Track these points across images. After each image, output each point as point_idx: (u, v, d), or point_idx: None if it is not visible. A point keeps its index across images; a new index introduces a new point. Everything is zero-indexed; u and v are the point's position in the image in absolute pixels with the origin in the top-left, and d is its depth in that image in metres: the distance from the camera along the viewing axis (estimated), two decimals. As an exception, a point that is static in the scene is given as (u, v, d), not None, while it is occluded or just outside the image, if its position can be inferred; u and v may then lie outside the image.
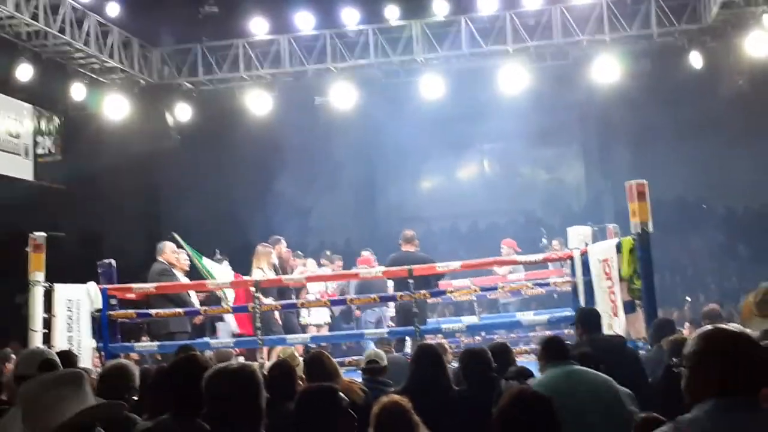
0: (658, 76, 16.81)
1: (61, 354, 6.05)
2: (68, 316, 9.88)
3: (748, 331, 3.27)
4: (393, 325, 11.80)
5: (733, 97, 16.51)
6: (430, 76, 16.31)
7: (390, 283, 11.68)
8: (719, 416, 2.76)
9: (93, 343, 10.10)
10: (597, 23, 15.66)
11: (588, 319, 7.10)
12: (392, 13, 16.72)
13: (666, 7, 15.47)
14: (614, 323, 8.85)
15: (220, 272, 11.65)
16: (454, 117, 18.90)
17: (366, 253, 13.54)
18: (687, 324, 10.68)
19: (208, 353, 7.98)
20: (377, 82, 17.03)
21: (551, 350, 5.47)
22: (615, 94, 16.69)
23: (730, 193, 19.64)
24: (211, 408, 3.32)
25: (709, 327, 3.01)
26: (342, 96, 16.55)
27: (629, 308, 8.78)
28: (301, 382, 6.35)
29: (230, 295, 11.40)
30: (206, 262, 11.70)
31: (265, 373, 6.36)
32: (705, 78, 16.15)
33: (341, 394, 4.14)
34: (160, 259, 10.94)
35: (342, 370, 7.19)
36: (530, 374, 6.20)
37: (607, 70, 15.73)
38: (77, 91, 15.63)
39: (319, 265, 13.58)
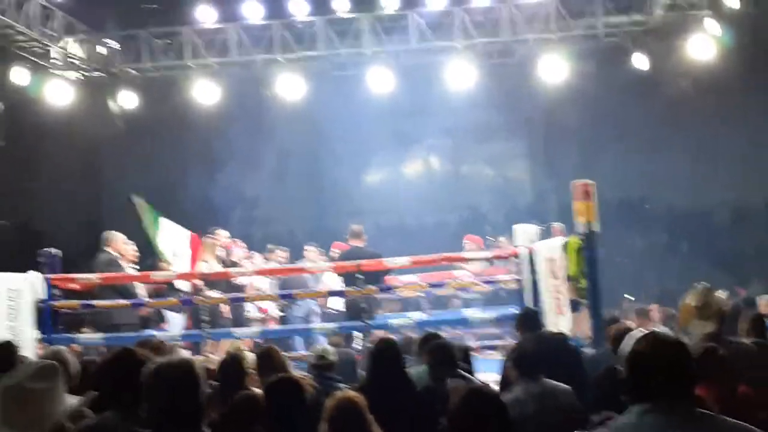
0: (603, 77, 17.06)
1: (1, 344, 5.94)
2: (9, 306, 9.69)
3: (683, 338, 3.40)
4: (317, 320, 11.94)
5: (676, 98, 16.84)
6: (378, 69, 16.31)
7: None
8: (643, 421, 2.85)
9: (35, 334, 9.92)
10: (544, 22, 15.82)
11: (527, 321, 7.22)
12: (342, 5, 16.69)
13: (612, 8, 15.71)
14: (560, 322, 8.97)
15: (177, 237, 11.62)
16: (402, 111, 18.94)
17: (312, 248, 13.54)
18: (634, 316, 10.89)
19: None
20: (325, 74, 16.98)
21: (524, 365, 5.59)
22: (561, 93, 16.88)
23: (672, 193, 20.00)
24: (151, 403, 3.30)
25: (647, 331, 3.12)
26: (289, 87, 16.46)
27: (574, 307, 8.90)
28: (249, 376, 6.36)
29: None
30: (167, 225, 11.68)
31: (212, 367, 6.34)
32: (649, 79, 16.44)
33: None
34: (107, 249, 10.77)
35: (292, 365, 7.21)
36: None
37: (554, 69, 15.91)
38: (19, 76, 15.28)
39: (265, 259, 13.54)
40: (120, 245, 10.83)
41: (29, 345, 9.66)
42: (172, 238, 12.02)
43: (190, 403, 3.25)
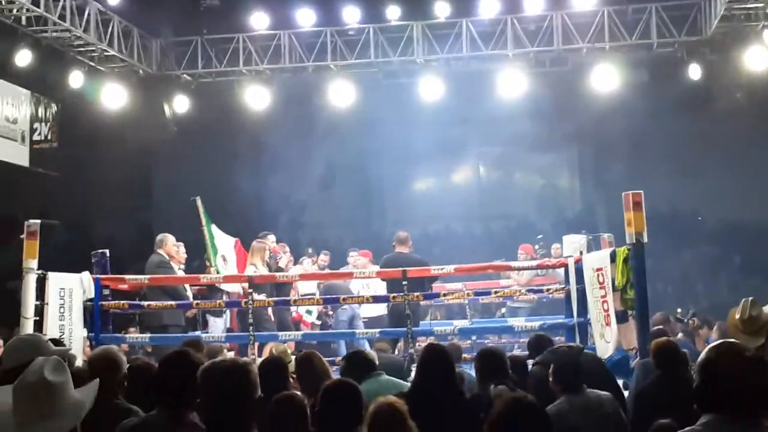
0: (656, 87, 16.86)
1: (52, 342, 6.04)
2: (60, 305, 9.86)
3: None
4: (361, 325, 11.99)
5: (730, 110, 16.58)
6: (429, 77, 16.32)
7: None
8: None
9: (84, 333, 10.09)
10: (597, 31, 15.69)
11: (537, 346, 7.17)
12: (393, 13, 16.75)
13: (666, 18, 15.52)
14: (606, 332, 8.89)
15: (225, 243, 11.79)
16: (451, 119, 18.89)
17: (354, 254, 13.60)
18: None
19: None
20: (376, 82, 17.03)
21: (565, 378, 5.56)
22: (613, 103, 16.72)
23: (723, 205, 19.67)
24: (204, 403, 3.32)
25: (724, 341, 3.05)
26: (340, 94, 16.53)
27: (621, 318, 8.82)
28: (292, 380, 6.38)
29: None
30: (215, 231, 11.90)
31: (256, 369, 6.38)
32: (703, 90, 16.20)
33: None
34: (159, 251, 10.97)
35: (333, 369, 7.22)
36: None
37: (606, 78, 15.77)
38: (75, 79, 15.57)
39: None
40: (171, 247, 11.03)
41: (78, 344, 9.85)
42: (222, 244, 12.22)
43: (243, 404, 3.25)
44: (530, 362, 6.94)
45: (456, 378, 5.91)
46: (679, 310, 15.71)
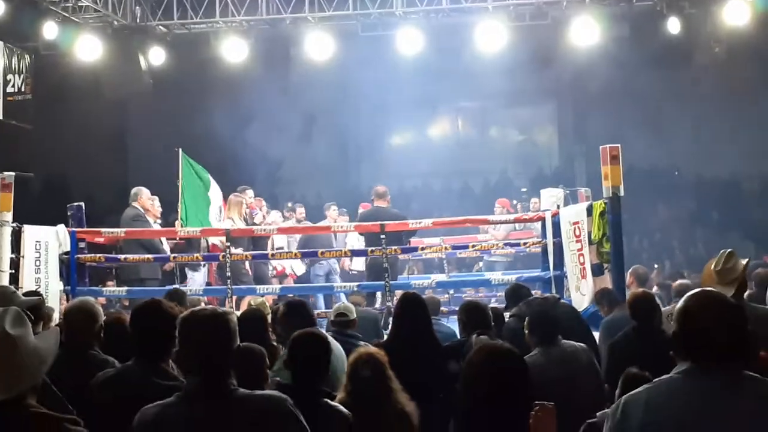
0: (635, 41, 16.76)
1: (28, 294, 6.01)
2: (36, 258, 9.80)
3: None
4: (338, 279, 12.02)
5: (709, 65, 16.56)
6: (408, 30, 16.14)
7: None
8: (694, 381, 2.80)
9: (60, 286, 10.04)
10: (578, -16, 15.58)
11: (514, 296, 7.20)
12: (372, -35, 16.50)
13: (647, -29, 15.45)
14: (582, 285, 8.96)
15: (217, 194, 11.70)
16: (430, 73, 18.79)
17: (333, 207, 13.59)
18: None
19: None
20: (354, 34, 16.84)
21: (540, 330, 5.58)
22: (592, 57, 16.64)
23: (701, 161, 19.79)
24: (183, 351, 3.29)
25: (702, 289, 3.04)
26: (318, 47, 16.35)
27: (597, 271, 8.89)
28: (271, 331, 6.39)
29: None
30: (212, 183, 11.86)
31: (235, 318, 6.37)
32: (682, 45, 16.15)
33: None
34: (134, 204, 10.88)
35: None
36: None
37: (585, 32, 15.65)
38: (49, 30, 15.27)
39: (283, 216, 13.60)
40: (146, 200, 10.96)
41: (55, 297, 9.80)
42: (216, 195, 12.19)
43: (222, 355, 3.22)
44: (507, 314, 6.99)
45: (432, 325, 5.93)
46: (656, 266, 15.88)
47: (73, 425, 3.04)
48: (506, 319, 6.85)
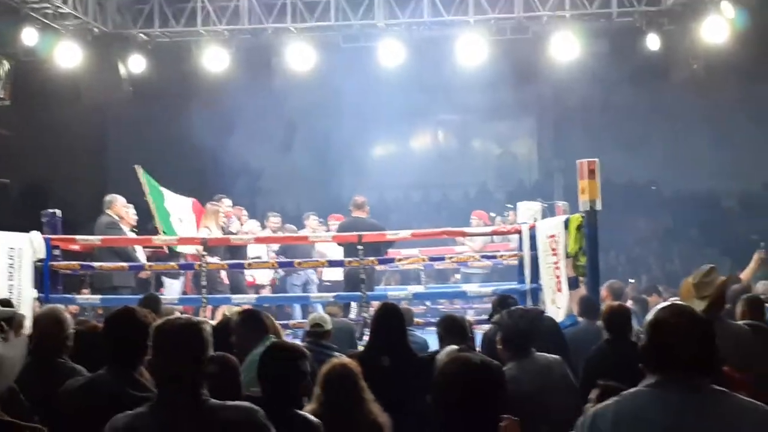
0: (615, 57, 16.93)
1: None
2: (9, 264, 9.72)
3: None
4: (315, 290, 12.01)
5: (688, 81, 16.70)
6: (390, 42, 16.18)
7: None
8: (661, 394, 2.82)
9: (34, 293, 9.95)
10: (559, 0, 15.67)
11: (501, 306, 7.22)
12: (355, -23, 16.54)
13: (627, -12, 15.56)
14: (557, 298, 8.98)
15: (180, 205, 11.67)
16: (411, 86, 18.82)
17: (314, 218, 13.58)
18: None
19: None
20: (336, 45, 16.86)
21: (514, 343, 5.58)
22: (572, 72, 16.75)
23: (678, 176, 19.92)
24: (156, 359, 3.27)
25: (673, 302, 3.07)
26: (299, 57, 16.35)
27: (573, 284, 8.91)
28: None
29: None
30: (168, 195, 11.75)
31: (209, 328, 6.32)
32: (661, 61, 16.30)
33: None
34: (108, 212, 10.82)
35: (287, 332, 7.20)
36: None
37: (566, 47, 15.74)
38: (29, 36, 15.18)
39: (262, 226, 13.57)
40: (120, 208, 10.89)
41: (27, 304, 9.71)
42: (176, 205, 12.09)
43: (195, 365, 3.21)
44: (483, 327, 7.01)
45: (407, 337, 5.92)
46: (631, 281, 15.96)
47: None
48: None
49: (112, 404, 3.47)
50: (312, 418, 4.15)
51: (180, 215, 12.09)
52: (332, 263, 11.18)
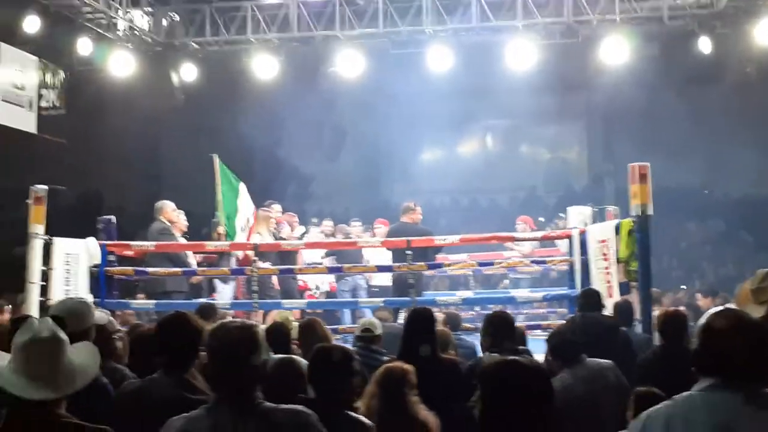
0: (666, 60, 16.75)
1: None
2: (66, 270, 9.92)
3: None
4: (364, 295, 12.03)
5: (740, 84, 16.46)
6: (438, 47, 16.20)
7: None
8: (714, 397, 2.81)
9: (90, 299, 10.12)
10: (608, 3, 15.55)
11: (585, 299, 7.18)
12: (403, -17, 16.59)
13: (677, -10, 15.40)
14: (609, 304, 8.90)
15: (250, 207, 11.77)
16: (460, 91, 18.83)
17: (356, 224, 13.65)
18: (699, 294, 10.82)
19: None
20: (384, 52, 16.92)
21: (562, 353, 5.55)
22: (622, 76, 16.62)
23: (732, 180, 19.64)
24: (211, 363, 3.33)
25: (725, 307, 3.05)
26: (348, 64, 16.45)
27: (624, 290, 8.83)
28: (295, 347, 6.41)
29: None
30: (244, 193, 11.89)
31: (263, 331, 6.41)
32: (713, 64, 16.09)
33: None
34: (159, 217, 10.99)
35: (336, 337, 7.25)
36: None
37: (616, 51, 15.62)
38: (83, 46, 15.52)
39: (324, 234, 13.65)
40: (171, 213, 11.04)
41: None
42: (248, 206, 12.25)
43: (249, 368, 3.25)
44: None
45: (436, 341, 5.82)
46: (683, 287, 15.77)
47: None
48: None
49: (168, 407, 3.51)
50: (364, 419, 4.18)
51: (249, 215, 12.24)
52: (381, 268, 11.21)
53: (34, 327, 3.02)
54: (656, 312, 8.14)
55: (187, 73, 16.98)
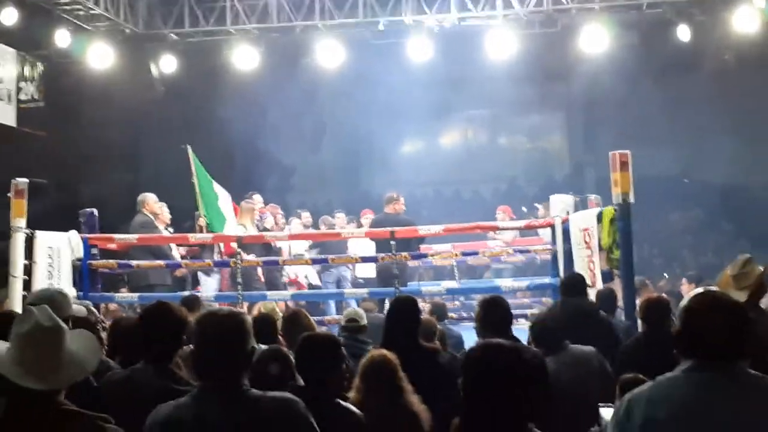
0: (645, 49, 16.82)
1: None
2: (49, 264, 9.87)
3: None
4: (348, 286, 12.04)
5: (719, 72, 16.56)
6: (418, 38, 16.19)
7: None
8: (695, 376, 2.85)
9: (73, 292, 10.08)
10: (587, -9, 15.60)
11: (568, 284, 7.22)
12: (382, -27, 16.55)
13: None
14: (592, 292, 8.95)
15: (225, 199, 11.75)
16: (440, 81, 18.81)
17: (340, 215, 13.65)
18: (684, 280, 10.92)
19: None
20: (365, 42, 16.90)
21: (545, 340, 5.58)
22: (602, 64, 16.66)
23: (711, 168, 19.74)
24: (198, 351, 3.33)
25: (706, 290, 3.10)
26: (329, 54, 16.41)
27: (607, 278, 8.88)
28: (280, 338, 6.42)
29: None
30: (217, 188, 11.86)
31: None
32: (692, 52, 16.17)
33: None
34: (142, 210, 10.94)
35: (322, 329, 7.25)
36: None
37: (595, 39, 15.67)
38: (62, 38, 15.40)
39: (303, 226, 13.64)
40: (153, 206, 11.00)
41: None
42: (223, 193, 12.21)
43: (237, 355, 3.26)
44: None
45: (417, 330, 5.78)
46: (665, 275, 15.86)
47: (106, 423, 3.08)
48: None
49: (154, 397, 3.53)
50: (353, 408, 4.20)
51: (227, 201, 12.19)
52: (365, 259, 11.21)
53: (34, 316, 3.01)
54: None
55: (167, 64, 16.89)
